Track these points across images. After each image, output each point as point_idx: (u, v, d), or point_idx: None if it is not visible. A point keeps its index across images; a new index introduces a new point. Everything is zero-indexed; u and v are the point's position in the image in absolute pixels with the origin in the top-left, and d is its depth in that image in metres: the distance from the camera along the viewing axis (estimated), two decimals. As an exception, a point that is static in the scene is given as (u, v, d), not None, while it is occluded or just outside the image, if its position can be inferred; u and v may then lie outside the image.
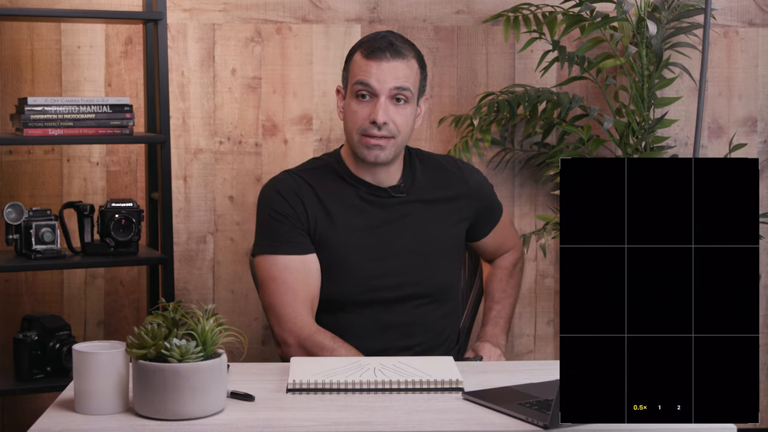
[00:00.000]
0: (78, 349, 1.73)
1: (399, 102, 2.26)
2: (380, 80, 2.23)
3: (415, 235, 2.33)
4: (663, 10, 3.06)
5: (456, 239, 2.40)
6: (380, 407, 1.78)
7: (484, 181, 2.50)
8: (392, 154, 2.28)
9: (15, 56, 3.04)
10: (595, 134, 3.10)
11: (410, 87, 2.26)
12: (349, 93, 2.29)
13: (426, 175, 2.39)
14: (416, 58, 2.31)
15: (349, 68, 2.31)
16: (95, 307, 3.14)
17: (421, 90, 2.33)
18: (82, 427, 1.67)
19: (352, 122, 2.27)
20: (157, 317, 1.73)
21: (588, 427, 1.60)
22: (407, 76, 2.26)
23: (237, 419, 1.71)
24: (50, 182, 3.08)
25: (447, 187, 2.40)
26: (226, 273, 3.17)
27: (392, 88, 2.24)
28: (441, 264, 2.36)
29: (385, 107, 2.24)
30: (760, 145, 3.33)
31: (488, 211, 2.49)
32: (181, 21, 3.10)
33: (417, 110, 2.33)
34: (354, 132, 2.27)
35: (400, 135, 2.27)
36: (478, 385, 1.88)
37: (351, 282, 2.28)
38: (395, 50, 2.25)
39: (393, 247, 2.31)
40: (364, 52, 2.27)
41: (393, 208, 2.33)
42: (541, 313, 3.30)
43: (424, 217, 2.35)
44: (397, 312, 2.31)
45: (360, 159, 2.29)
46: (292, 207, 2.28)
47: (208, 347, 1.70)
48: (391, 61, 2.25)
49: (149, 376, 1.67)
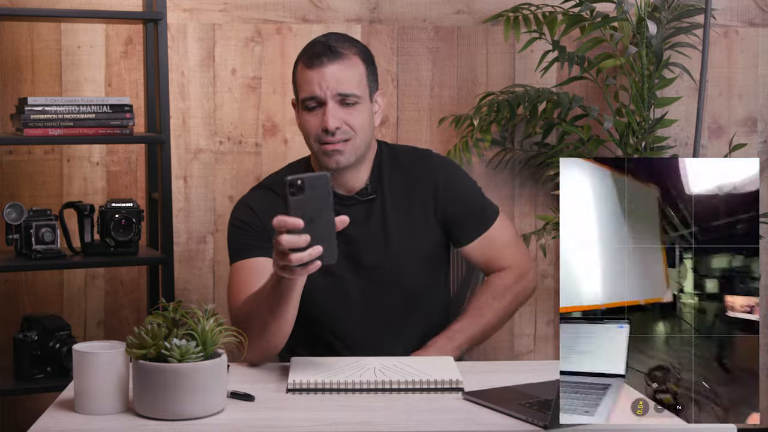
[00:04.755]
0: (78, 349, 1.73)
1: (349, 105, 2.20)
2: (323, 87, 2.18)
3: (384, 239, 2.27)
4: (663, 10, 3.06)
5: (428, 241, 2.31)
6: (380, 407, 1.78)
7: (462, 182, 2.36)
8: (353, 156, 2.22)
9: (15, 56, 3.04)
10: (595, 134, 3.10)
11: (354, 91, 2.19)
12: (300, 106, 2.24)
13: (395, 174, 2.31)
14: (359, 54, 2.23)
15: (295, 80, 2.26)
16: (95, 307, 3.13)
17: (372, 86, 2.26)
18: (82, 427, 1.67)
19: (307, 133, 2.23)
20: (157, 317, 1.73)
21: (588, 427, 1.60)
22: (350, 78, 2.19)
23: (237, 419, 1.71)
24: (50, 182, 3.08)
25: (414, 187, 2.31)
26: (226, 273, 3.16)
27: (336, 94, 2.18)
28: (413, 266, 2.29)
29: (335, 112, 2.18)
30: (760, 145, 3.33)
31: (467, 214, 2.34)
32: (181, 21, 3.10)
33: (374, 106, 2.27)
34: (312, 142, 2.23)
35: (357, 136, 2.21)
36: (478, 385, 1.88)
37: (319, 289, 2.20)
38: (333, 53, 2.19)
39: (363, 254, 2.26)
40: (304, 61, 2.22)
41: (361, 212, 2.27)
42: (541, 313, 3.30)
43: (393, 220, 2.28)
44: (368, 319, 2.26)
45: (324, 167, 2.24)
46: (259, 217, 2.24)
47: (208, 347, 1.70)
48: (330, 66, 2.18)
49: (149, 376, 1.67)
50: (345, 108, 2.20)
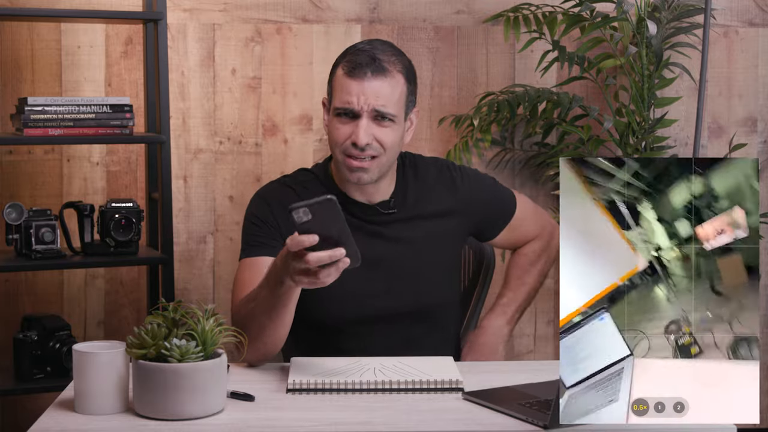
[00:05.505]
0: (78, 349, 1.73)
1: (383, 120, 2.13)
2: (360, 101, 2.11)
3: (405, 254, 2.23)
4: (663, 10, 3.06)
5: (447, 255, 2.29)
6: (380, 407, 1.78)
7: (483, 189, 2.35)
8: (377, 174, 2.17)
9: (15, 56, 3.04)
10: (595, 134, 3.10)
11: (391, 111, 2.12)
12: (332, 111, 2.18)
13: (418, 188, 2.28)
14: (403, 71, 2.16)
15: (332, 83, 2.19)
16: (95, 307, 3.14)
17: (409, 105, 2.19)
18: (82, 427, 1.67)
19: (335, 141, 2.16)
20: (157, 317, 1.73)
21: (588, 427, 1.60)
22: (389, 96, 2.12)
23: (237, 419, 1.71)
24: (50, 182, 3.08)
25: (439, 202, 2.28)
26: (226, 273, 3.17)
27: (373, 109, 2.12)
28: (432, 283, 2.25)
29: (367, 127, 2.12)
30: (760, 145, 3.33)
31: (490, 219, 2.35)
32: (181, 21, 3.10)
33: (407, 124, 2.21)
34: (337, 151, 2.16)
35: (385, 154, 2.15)
36: (478, 385, 1.88)
37: (338, 302, 2.18)
38: (378, 67, 2.12)
39: (382, 267, 2.21)
40: (345, 68, 2.14)
41: (382, 225, 2.23)
42: (541, 313, 3.30)
43: (415, 235, 2.24)
44: (387, 333, 2.23)
45: (345, 179, 2.20)
46: (273, 214, 2.20)
47: (208, 347, 1.70)
48: (373, 81, 2.11)
49: (149, 376, 1.67)
50: (378, 124, 2.13)
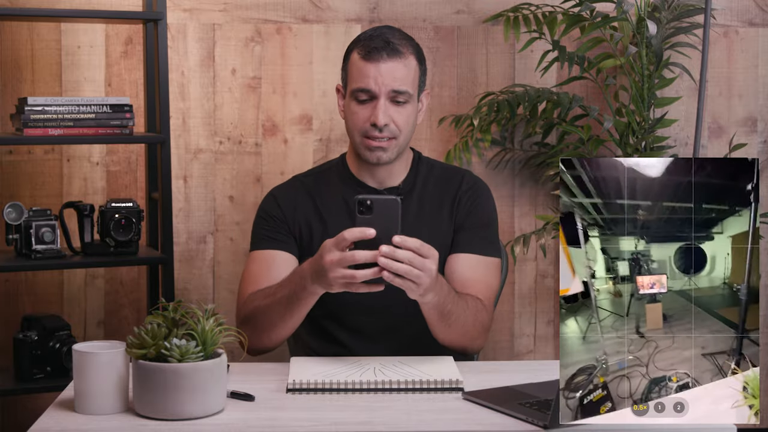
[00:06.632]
0: (78, 349, 1.73)
1: (398, 103, 2.24)
2: (378, 82, 2.22)
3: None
4: (663, 10, 3.06)
5: (444, 254, 2.27)
6: (380, 407, 1.78)
7: (485, 205, 2.35)
8: (395, 154, 2.27)
9: (15, 56, 3.04)
10: (595, 134, 3.10)
11: (408, 89, 2.24)
12: (349, 95, 2.28)
13: (428, 182, 2.35)
14: (414, 53, 2.27)
15: (347, 69, 2.29)
16: (95, 307, 3.14)
17: (421, 86, 2.31)
18: (82, 427, 1.67)
19: (353, 124, 2.26)
20: (157, 317, 1.73)
21: (588, 427, 1.60)
22: (405, 76, 2.24)
23: (237, 419, 1.71)
24: (50, 182, 3.08)
25: (443, 199, 2.34)
26: (226, 273, 3.17)
27: (390, 90, 2.22)
28: None
29: (385, 108, 2.22)
30: (760, 145, 3.33)
31: (475, 229, 2.31)
32: (181, 21, 3.10)
33: (419, 105, 2.31)
34: (356, 134, 2.26)
35: (401, 134, 2.25)
36: (478, 385, 1.88)
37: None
38: (392, 49, 2.23)
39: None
40: (361, 52, 2.25)
41: None
42: (541, 313, 3.30)
43: (417, 226, 2.26)
44: (378, 317, 2.26)
45: (363, 160, 2.29)
46: (282, 209, 2.31)
47: (208, 347, 1.70)
48: (389, 62, 2.22)
49: (149, 376, 1.67)
50: (394, 105, 2.23)
